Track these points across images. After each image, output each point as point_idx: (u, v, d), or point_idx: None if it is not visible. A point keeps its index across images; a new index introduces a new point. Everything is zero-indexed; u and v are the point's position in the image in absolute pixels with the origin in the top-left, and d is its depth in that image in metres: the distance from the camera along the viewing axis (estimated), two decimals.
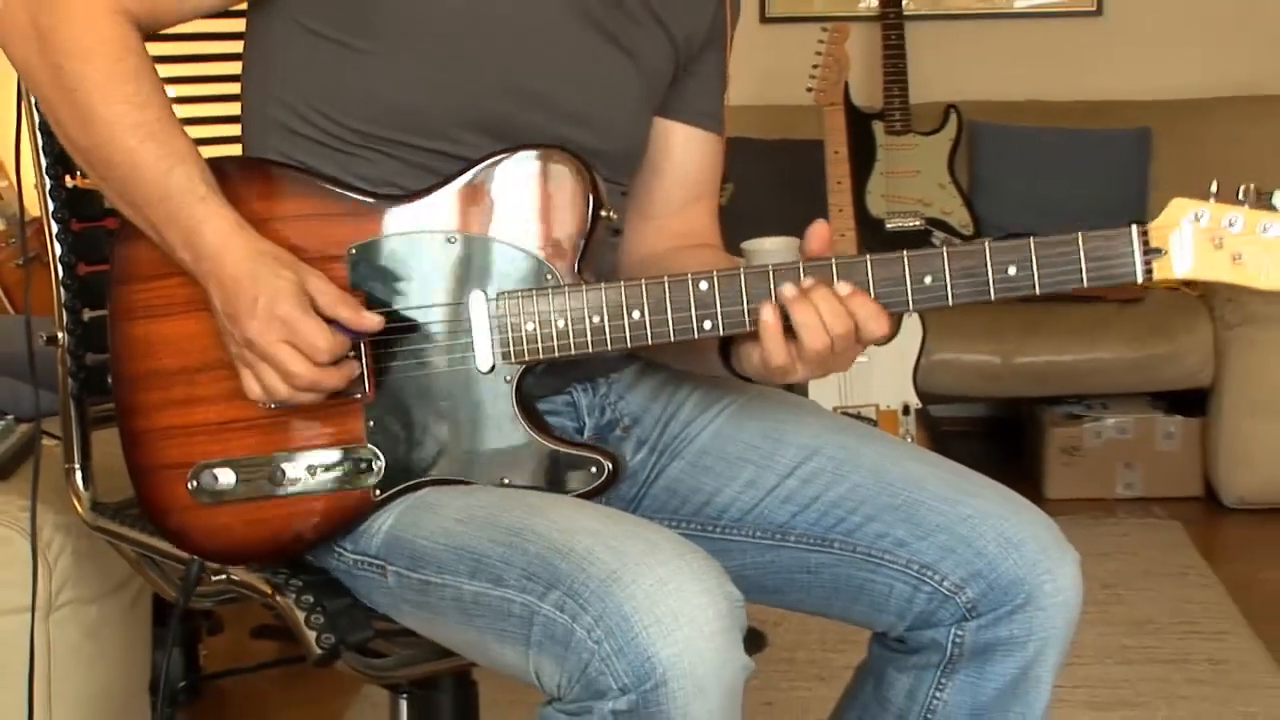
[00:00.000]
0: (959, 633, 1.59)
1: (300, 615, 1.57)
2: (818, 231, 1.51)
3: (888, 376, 3.84)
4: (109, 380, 1.65)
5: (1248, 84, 4.77)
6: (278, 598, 1.59)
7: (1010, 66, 4.89)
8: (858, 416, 3.72)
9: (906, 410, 3.85)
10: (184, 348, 1.59)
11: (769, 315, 1.48)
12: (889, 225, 4.55)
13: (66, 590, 2.13)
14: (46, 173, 1.83)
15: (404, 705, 1.80)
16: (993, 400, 4.70)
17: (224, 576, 1.65)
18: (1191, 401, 4.27)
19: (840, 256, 1.50)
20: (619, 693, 1.35)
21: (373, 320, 1.52)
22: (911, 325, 3.88)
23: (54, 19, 1.50)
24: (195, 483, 1.59)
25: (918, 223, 4.58)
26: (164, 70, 1.59)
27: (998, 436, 4.80)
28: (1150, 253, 1.46)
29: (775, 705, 2.79)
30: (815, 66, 3.85)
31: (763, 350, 1.50)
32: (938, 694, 1.62)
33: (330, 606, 1.58)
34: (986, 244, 1.48)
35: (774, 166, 4.41)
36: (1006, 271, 1.48)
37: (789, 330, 1.49)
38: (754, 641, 3.40)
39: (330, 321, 1.49)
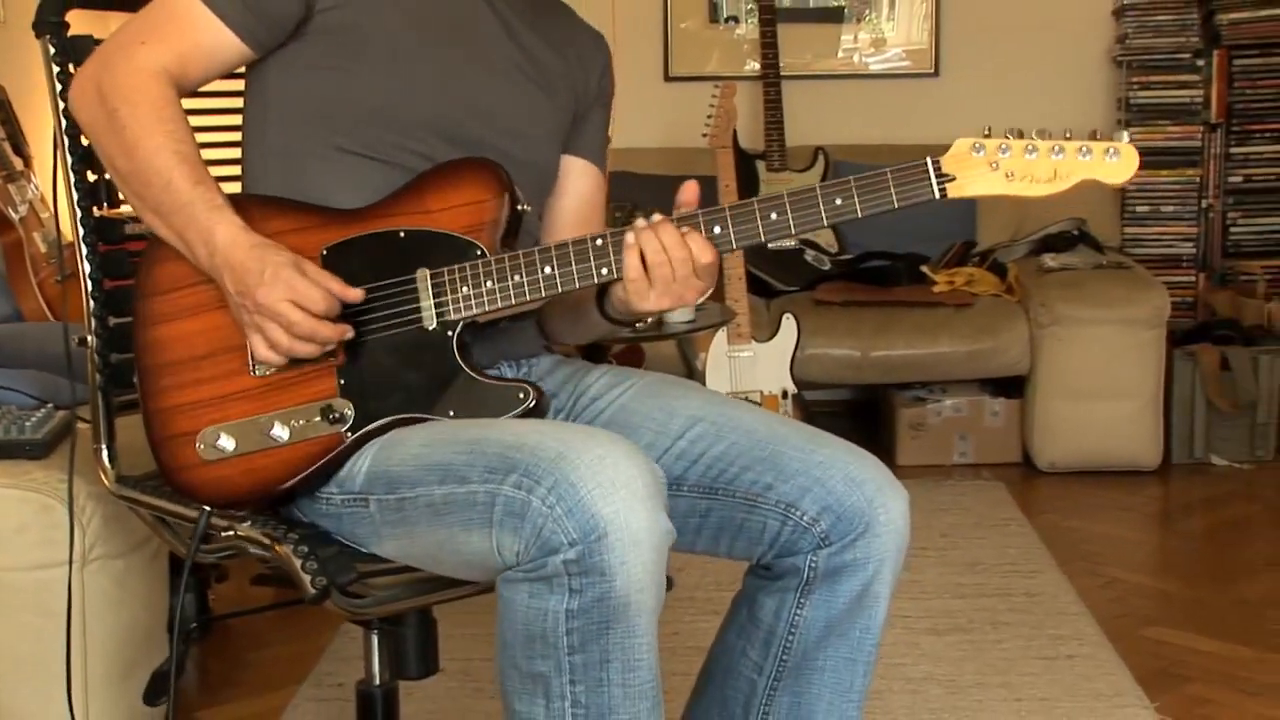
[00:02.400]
0: (814, 559, 1.61)
1: (297, 562, 1.55)
2: (689, 187, 1.59)
3: (770, 368, 3.86)
4: (135, 375, 1.68)
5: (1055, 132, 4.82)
6: (277, 547, 1.58)
7: (867, 117, 4.93)
8: (746, 400, 3.73)
9: (785, 395, 3.86)
10: (190, 343, 1.64)
11: (630, 237, 1.57)
12: (769, 245, 4.55)
13: (98, 547, 2.11)
14: (78, 205, 1.83)
15: (375, 639, 1.79)
16: (855, 386, 4.72)
17: (231, 532, 1.63)
18: (1012, 386, 4.30)
19: (704, 210, 1.58)
20: (569, 546, 1.37)
21: (355, 292, 1.57)
22: (788, 326, 3.90)
23: (112, 79, 1.60)
24: (201, 444, 1.61)
25: (792, 243, 4.60)
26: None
27: (859, 415, 4.82)
28: (943, 178, 1.53)
29: (680, 633, 2.79)
30: (709, 117, 3.85)
31: (625, 267, 1.57)
32: (798, 611, 1.64)
33: (321, 554, 1.57)
34: (818, 186, 1.55)
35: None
36: (834, 203, 1.54)
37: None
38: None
39: None
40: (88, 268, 1.82)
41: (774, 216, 1.56)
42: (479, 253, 1.61)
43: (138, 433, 1.70)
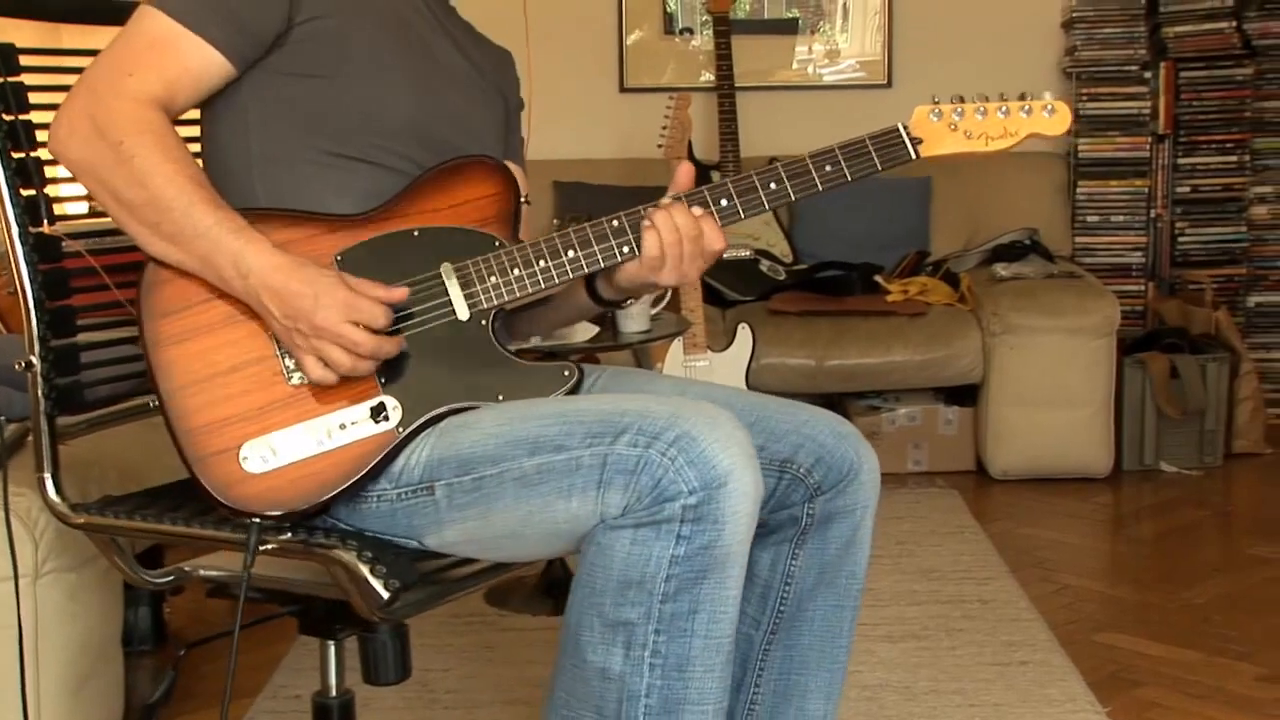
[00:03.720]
0: (810, 508, 1.70)
1: (365, 567, 1.54)
2: (685, 169, 1.70)
3: (725, 377, 3.86)
4: (153, 399, 1.62)
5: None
6: (340, 554, 1.55)
7: (821, 127, 4.94)
8: None
9: None
10: (212, 358, 1.61)
11: (649, 221, 1.65)
12: (725, 255, 4.57)
13: (50, 561, 2.10)
14: (16, 221, 1.73)
15: (331, 650, 1.78)
16: (810, 395, 4.74)
17: (272, 546, 1.59)
18: (965, 394, 4.34)
19: (707, 185, 1.68)
20: (689, 494, 1.43)
21: (400, 291, 1.60)
22: (744, 336, 3.91)
23: (108, 112, 1.57)
24: (245, 457, 1.58)
25: (748, 253, 4.61)
26: None
27: None
28: (914, 140, 1.69)
29: None
30: (664, 128, 3.86)
31: (644, 245, 1.65)
32: (793, 561, 1.72)
33: (383, 557, 1.56)
34: (808, 157, 1.67)
35: (631, 208, 4.42)
36: (825, 169, 1.67)
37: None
38: None
39: None
40: (29, 288, 1.73)
41: (773, 186, 1.67)
42: (497, 244, 1.66)
43: (91, 450, 1.68)
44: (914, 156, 1.69)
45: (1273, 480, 4.27)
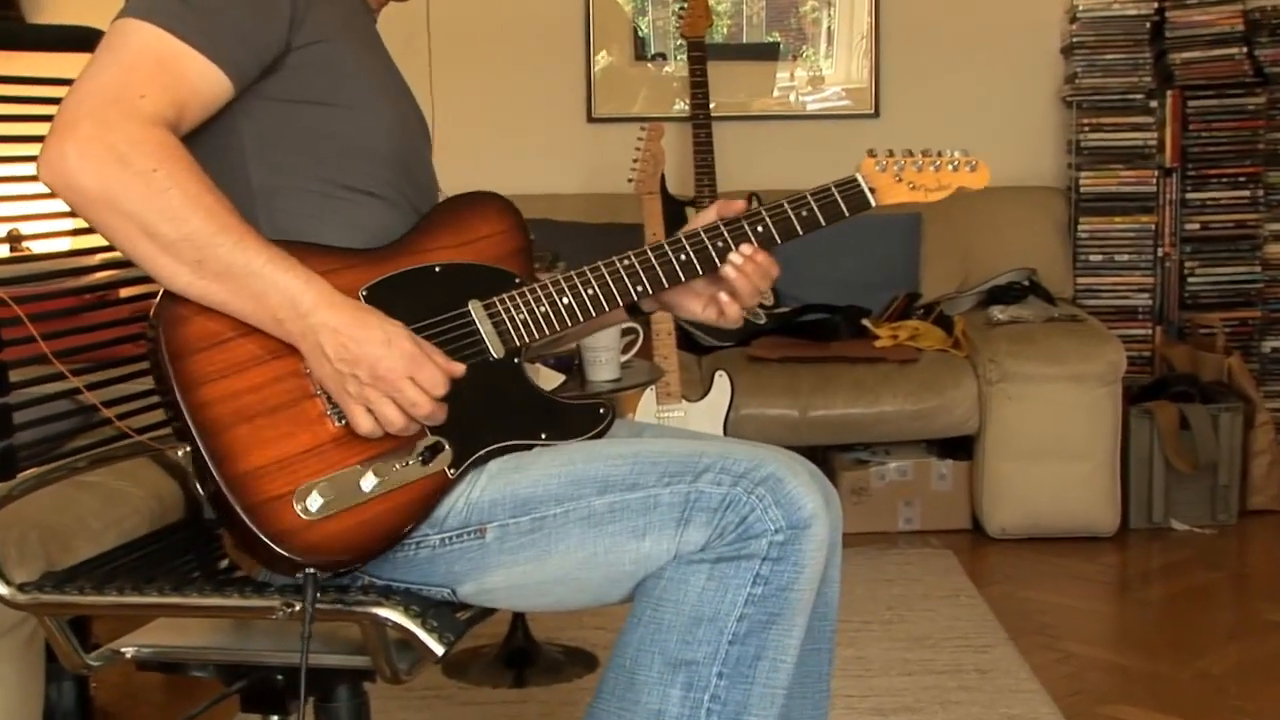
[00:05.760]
0: None
1: (416, 622, 1.58)
2: (735, 205, 1.84)
3: (702, 428, 3.86)
4: (195, 449, 1.57)
5: (997, 178, 4.90)
6: (387, 612, 1.58)
7: (803, 159, 4.99)
8: None
9: None
10: (253, 398, 1.60)
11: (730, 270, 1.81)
12: None
13: None
14: None
15: None
16: (793, 448, 4.74)
17: (294, 608, 1.59)
18: (960, 447, 4.35)
19: (745, 214, 1.84)
20: (775, 532, 1.56)
21: (459, 367, 1.64)
22: (721, 384, 3.92)
23: (127, 138, 1.53)
24: (301, 504, 1.58)
25: None
26: None
27: None
28: (871, 190, 1.85)
29: None
30: (635, 161, 3.88)
31: (734, 292, 1.82)
32: None
33: (428, 611, 1.60)
34: (785, 203, 1.83)
35: (599, 247, 4.37)
36: (801, 214, 1.83)
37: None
38: (585, 663, 3.40)
39: None
40: None
41: (760, 230, 1.82)
42: (517, 280, 1.75)
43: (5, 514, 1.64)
44: (872, 204, 1.86)
45: None
